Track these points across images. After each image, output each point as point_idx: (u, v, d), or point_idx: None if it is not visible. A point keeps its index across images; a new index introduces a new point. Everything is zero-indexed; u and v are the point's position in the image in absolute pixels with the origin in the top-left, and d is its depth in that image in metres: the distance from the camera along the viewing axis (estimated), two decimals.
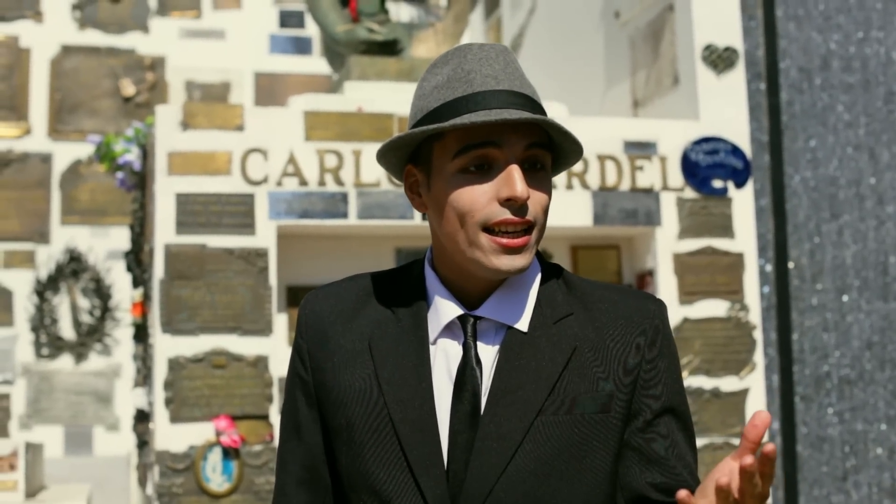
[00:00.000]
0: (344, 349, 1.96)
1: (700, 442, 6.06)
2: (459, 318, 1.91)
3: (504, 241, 1.82)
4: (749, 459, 1.50)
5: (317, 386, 1.98)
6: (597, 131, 6.47)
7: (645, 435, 1.89)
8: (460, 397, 1.87)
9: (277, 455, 2.07)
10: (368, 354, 1.93)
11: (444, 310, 1.91)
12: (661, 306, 1.98)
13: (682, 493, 1.55)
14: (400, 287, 1.99)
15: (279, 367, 5.95)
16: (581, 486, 1.85)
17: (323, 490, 2.02)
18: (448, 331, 1.92)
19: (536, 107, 1.87)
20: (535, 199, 1.85)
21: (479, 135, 1.82)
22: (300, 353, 2.02)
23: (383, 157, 1.95)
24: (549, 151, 1.90)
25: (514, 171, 1.81)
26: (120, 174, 6.83)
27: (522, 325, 1.91)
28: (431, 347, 1.92)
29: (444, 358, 1.90)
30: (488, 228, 1.82)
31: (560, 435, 1.84)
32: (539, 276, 1.97)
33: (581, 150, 1.92)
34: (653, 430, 1.90)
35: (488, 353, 1.89)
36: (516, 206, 1.81)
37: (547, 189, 1.88)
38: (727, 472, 1.59)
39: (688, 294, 6.44)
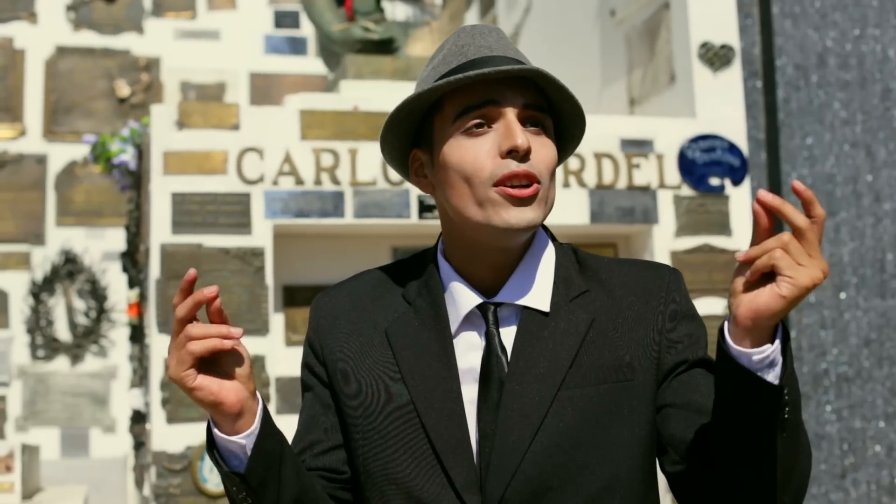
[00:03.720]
0: (359, 340, 1.94)
1: None
2: (479, 306, 1.88)
3: (514, 191, 1.79)
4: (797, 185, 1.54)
5: (331, 377, 1.95)
6: (593, 129, 6.42)
7: (682, 391, 1.86)
8: (488, 387, 1.84)
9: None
10: (387, 345, 1.91)
11: (463, 300, 1.89)
12: (675, 272, 1.96)
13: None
14: (413, 278, 1.97)
15: (276, 366, 5.93)
16: (608, 456, 1.82)
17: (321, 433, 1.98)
18: (468, 321, 1.89)
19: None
20: (539, 156, 1.82)
21: (477, 95, 1.82)
22: (312, 346, 1.99)
23: (385, 141, 1.93)
24: (549, 116, 1.88)
25: (513, 121, 1.80)
26: (116, 173, 6.82)
27: (543, 305, 1.88)
28: (453, 340, 1.89)
29: (467, 349, 1.88)
30: (496, 185, 1.80)
31: (583, 407, 1.82)
32: (554, 256, 1.95)
33: (582, 113, 1.90)
34: (688, 385, 1.86)
35: (510, 339, 1.87)
36: (518, 156, 1.79)
37: (549, 148, 1.85)
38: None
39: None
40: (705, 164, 6.54)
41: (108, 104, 13.14)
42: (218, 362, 1.74)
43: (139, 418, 6.62)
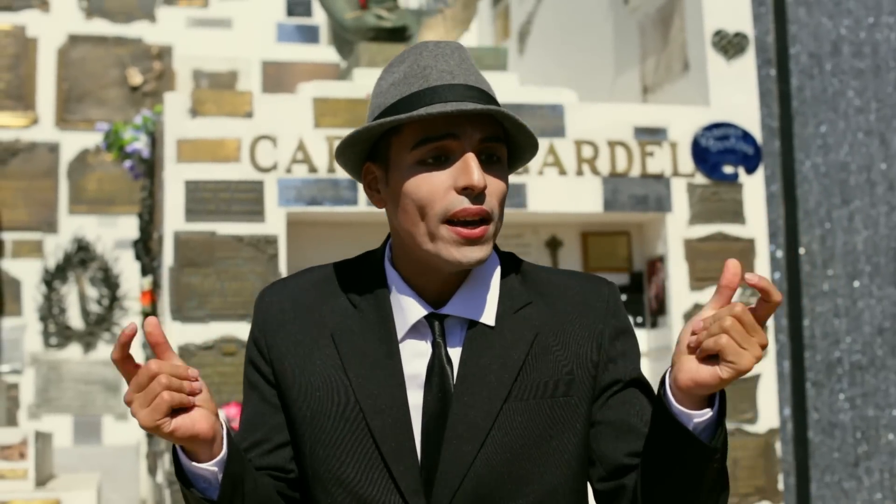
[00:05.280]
0: (305, 340, 1.97)
1: None
2: (426, 317, 1.94)
3: (464, 231, 1.85)
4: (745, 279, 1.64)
5: (277, 376, 1.98)
6: (607, 117, 6.46)
7: (616, 409, 1.95)
8: (431, 396, 1.90)
9: None
10: (332, 347, 1.95)
11: (410, 309, 1.94)
12: (612, 287, 2.05)
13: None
14: (360, 280, 2.02)
15: None
16: (549, 467, 1.91)
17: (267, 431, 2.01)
18: (414, 330, 1.94)
19: (491, 101, 1.91)
20: (492, 189, 1.88)
21: (437, 127, 1.86)
22: (258, 344, 2.02)
23: (342, 154, 1.97)
24: (505, 145, 1.93)
25: (471, 159, 1.85)
26: (128, 162, 6.83)
27: (489, 318, 1.95)
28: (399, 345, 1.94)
29: (412, 355, 1.93)
30: (448, 220, 1.85)
31: (527, 419, 1.90)
32: (498, 269, 2.01)
33: (536, 143, 1.97)
34: (622, 404, 1.95)
35: (457, 350, 1.93)
36: (473, 194, 1.85)
37: (503, 180, 1.92)
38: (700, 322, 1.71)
39: (699, 280, 6.42)
40: (719, 153, 6.53)
41: (121, 92, 13.13)
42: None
43: None
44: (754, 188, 6.59)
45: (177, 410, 1.72)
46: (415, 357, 1.93)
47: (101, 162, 12.43)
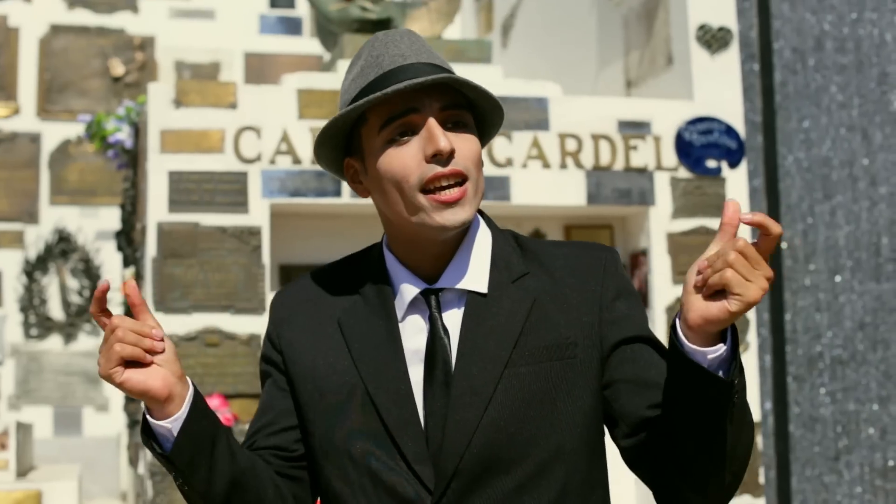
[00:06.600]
0: (313, 329, 2.07)
1: None
2: (422, 292, 2.00)
3: (442, 196, 1.91)
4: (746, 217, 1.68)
5: (287, 364, 2.08)
6: (591, 111, 6.46)
7: (629, 365, 1.98)
8: (432, 368, 1.97)
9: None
10: (339, 333, 2.04)
11: (406, 288, 2.01)
12: (612, 252, 2.08)
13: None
14: (362, 271, 2.10)
15: None
16: (553, 428, 1.94)
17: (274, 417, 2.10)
18: (413, 307, 2.01)
19: (445, 72, 1.96)
20: (463, 152, 1.93)
21: (397, 106, 1.92)
22: (270, 337, 2.14)
23: (319, 156, 2.06)
24: (469, 112, 1.99)
25: (433, 125, 1.91)
26: (111, 152, 6.81)
27: (481, 286, 2.00)
28: (400, 325, 2.01)
29: (413, 332, 2.00)
30: (425, 189, 1.91)
31: (529, 384, 1.94)
32: (491, 240, 2.07)
33: (500, 106, 2.02)
34: (634, 360, 1.98)
35: (454, 322, 2.00)
36: (443, 158, 1.90)
37: (473, 143, 1.97)
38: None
39: (681, 274, 6.43)
40: (702, 147, 6.55)
41: (103, 83, 13.09)
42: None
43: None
44: (737, 182, 6.61)
45: (135, 365, 1.83)
46: (416, 333, 1.99)
47: (83, 153, 12.40)
